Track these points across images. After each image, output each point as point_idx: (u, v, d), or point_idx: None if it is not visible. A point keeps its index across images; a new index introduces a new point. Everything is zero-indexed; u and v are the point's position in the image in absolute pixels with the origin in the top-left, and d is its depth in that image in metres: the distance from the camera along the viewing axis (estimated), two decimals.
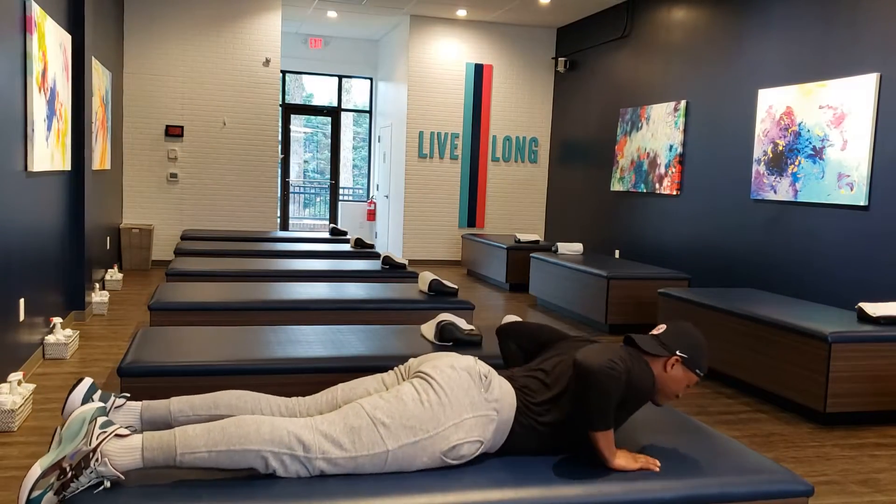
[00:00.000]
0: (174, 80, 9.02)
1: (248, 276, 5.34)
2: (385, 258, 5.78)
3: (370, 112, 12.32)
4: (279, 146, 9.89)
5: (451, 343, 3.39)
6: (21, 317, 4.30)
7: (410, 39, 10.11)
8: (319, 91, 12.49)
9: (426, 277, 4.72)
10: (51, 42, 4.87)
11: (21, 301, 4.30)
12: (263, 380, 3.02)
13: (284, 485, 1.92)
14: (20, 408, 3.55)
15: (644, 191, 8.16)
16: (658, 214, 7.94)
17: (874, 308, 4.30)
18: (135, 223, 8.95)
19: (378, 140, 11.97)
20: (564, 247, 7.59)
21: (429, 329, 3.54)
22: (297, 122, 12.42)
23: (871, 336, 4.03)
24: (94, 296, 6.14)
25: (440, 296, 4.62)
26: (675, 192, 7.60)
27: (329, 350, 3.23)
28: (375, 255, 6.94)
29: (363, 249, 7.05)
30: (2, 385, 3.60)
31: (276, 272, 5.44)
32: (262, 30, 9.24)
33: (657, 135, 7.95)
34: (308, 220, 12.94)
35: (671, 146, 7.69)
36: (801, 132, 5.91)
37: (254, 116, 9.30)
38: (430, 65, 10.24)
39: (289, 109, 11.83)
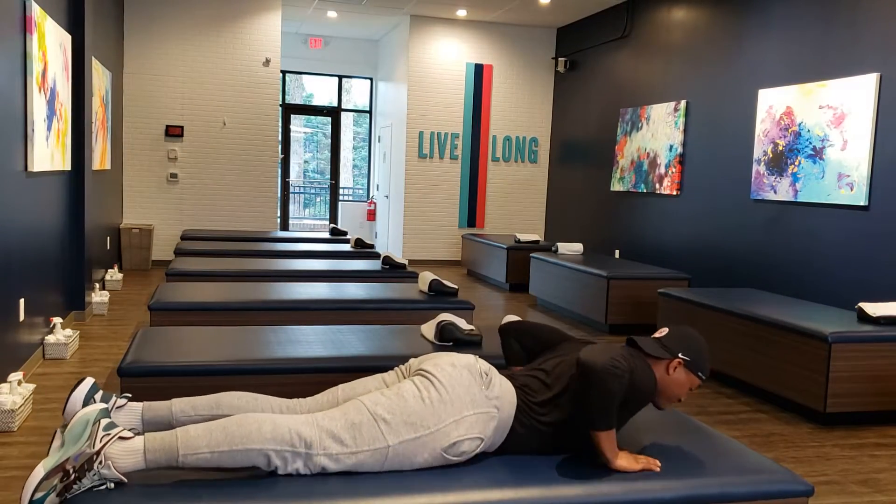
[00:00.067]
0: (174, 80, 9.03)
1: (248, 276, 5.34)
2: (385, 258, 5.78)
3: (370, 112, 12.32)
4: (279, 146, 9.89)
5: (452, 343, 3.39)
6: (21, 317, 4.30)
7: (410, 39, 10.11)
8: (319, 91, 12.49)
9: (426, 277, 4.72)
10: (51, 42, 4.87)
11: (21, 301, 4.30)
12: (263, 380, 3.02)
13: (285, 485, 1.92)
14: (20, 408, 3.55)
15: (644, 191, 8.16)
16: (658, 214, 7.95)
17: (874, 308, 4.30)
18: (135, 223, 8.95)
19: (378, 140, 11.97)
20: (564, 247, 7.59)
21: (429, 329, 3.54)
22: (297, 122, 12.42)
23: (871, 336, 4.03)
24: (94, 296, 6.14)
25: (440, 296, 4.63)
26: (675, 192, 7.60)
27: (329, 350, 3.23)
28: (375, 255, 6.94)
29: (363, 249, 7.06)
30: (2, 385, 3.61)
31: (277, 272, 5.44)
32: (262, 30, 9.24)
33: (657, 135, 7.95)
34: (308, 220, 12.94)
35: (671, 146, 7.69)
36: (801, 132, 5.91)
37: (254, 116, 9.30)
38: (430, 65, 10.25)
39: (289, 109, 11.84)
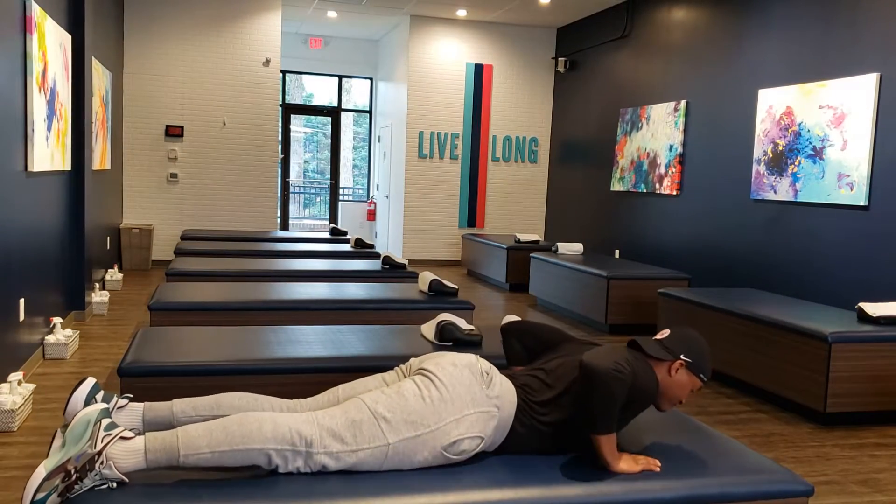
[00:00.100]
0: (174, 80, 9.03)
1: (248, 276, 5.34)
2: (385, 258, 5.78)
3: (370, 112, 12.32)
4: (279, 146, 9.89)
5: (452, 343, 3.39)
6: (21, 317, 4.30)
7: (410, 39, 10.11)
8: (319, 91, 12.49)
9: (426, 277, 4.72)
10: (51, 42, 4.87)
11: (21, 301, 4.30)
12: (264, 380, 3.02)
13: (285, 485, 1.93)
14: (20, 408, 3.55)
15: (644, 191, 8.16)
16: (658, 214, 7.95)
17: (874, 308, 4.30)
18: (135, 223, 8.95)
19: (378, 140, 11.97)
20: (564, 247, 7.59)
21: (429, 329, 3.54)
22: (297, 122, 12.42)
23: (871, 336, 4.03)
24: (94, 296, 6.14)
25: (440, 296, 4.63)
26: (675, 192, 7.60)
27: (329, 350, 3.23)
28: (375, 255, 6.94)
29: (363, 249, 7.06)
30: (2, 385, 3.61)
31: (277, 272, 5.44)
32: (262, 30, 9.24)
33: (657, 135, 7.95)
34: (308, 220, 12.94)
35: (671, 146, 7.69)
36: (801, 132, 5.91)
37: (254, 116, 9.30)
38: (430, 65, 10.24)
39: (289, 109, 11.84)
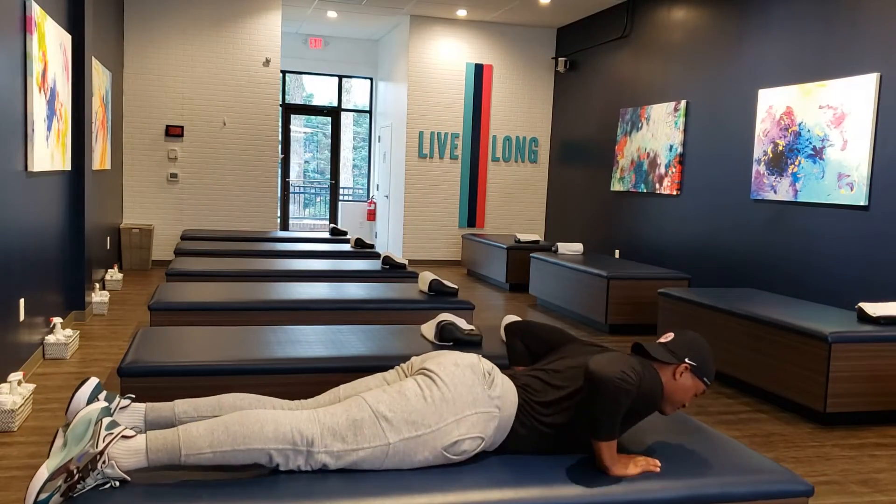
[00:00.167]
0: (174, 80, 9.03)
1: (248, 276, 5.34)
2: (385, 258, 5.78)
3: (370, 112, 12.32)
4: (279, 146, 9.89)
5: (452, 343, 3.39)
6: (21, 317, 4.31)
7: (410, 39, 10.11)
8: (319, 91, 12.49)
9: (426, 277, 4.72)
10: (51, 42, 4.87)
11: (21, 301, 4.30)
12: (264, 380, 3.02)
13: (285, 484, 1.93)
14: (20, 408, 3.55)
15: (644, 191, 8.16)
16: (658, 214, 7.95)
17: (874, 308, 4.30)
18: (135, 223, 8.95)
19: (378, 140, 11.97)
20: (564, 247, 7.59)
21: (429, 329, 3.54)
22: (297, 122, 12.42)
23: (871, 336, 4.03)
24: (94, 296, 6.14)
25: (440, 296, 4.63)
26: (675, 192, 7.60)
27: (329, 350, 3.23)
28: (375, 255, 6.94)
29: (363, 249, 7.06)
30: (2, 385, 3.61)
31: (277, 272, 5.44)
32: (262, 30, 9.24)
33: (657, 135, 7.95)
34: (308, 220, 12.95)
35: (671, 146, 7.69)
36: (801, 132, 5.91)
37: (254, 116, 9.30)
38: (430, 65, 10.25)
39: (289, 109, 11.83)
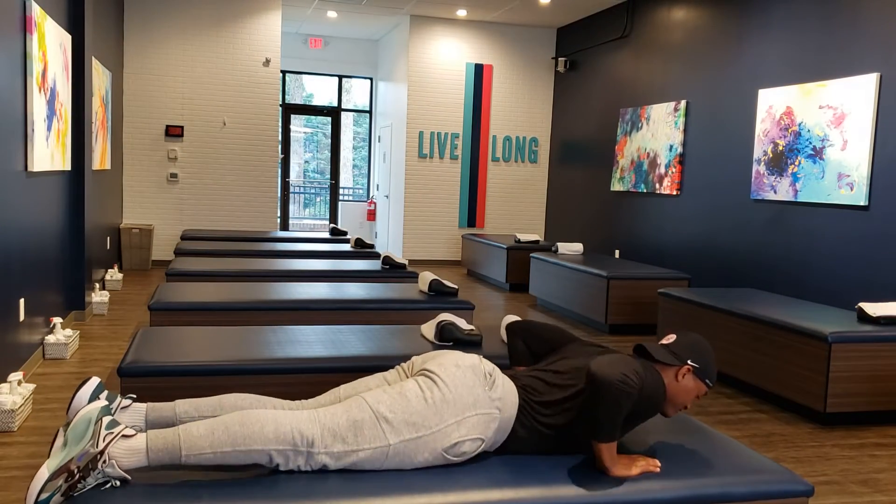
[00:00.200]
0: (174, 80, 9.03)
1: (248, 276, 5.34)
2: (385, 258, 5.78)
3: (370, 112, 12.32)
4: (279, 146, 9.89)
5: (452, 343, 3.39)
6: (21, 317, 4.30)
7: (410, 39, 10.11)
8: (319, 91, 12.49)
9: (426, 277, 4.72)
10: (51, 42, 4.87)
11: (21, 301, 4.30)
12: (264, 380, 3.02)
13: (284, 484, 1.93)
14: (20, 408, 3.55)
15: (644, 191, 8.16)
16: (658, 214, 7.95)
17: (874, 308, 4.30)
18: (135, 223, 8.95)
19: (378, 140, 11.97)
20: (564, 247, 7.59)
21: (429, 329, 3.54)
22: (297, 122, 12.42)
23: (871, 336, 4.03)
24: (94, 296, 6.14)
25: (440, 296, 4.63)
26: (675, 192, 7.60)
27: (329, 350, 3.23)
28: (375, 255, 6.94)
29: (363, 249, 7.06)
30: (2, 385, 3.61)
31: (277, 272, 5.44)
32: (262, 30, 9.24)
33: (657, 135, 7.95)
34: (308, 220, 12.94)
35: (671, 146, 7.69)
36: (801, 132, 5.91)
37: (254, 116, 9.30)
38: (430, 65, 10.24)
39: (289, 109, 11.84)
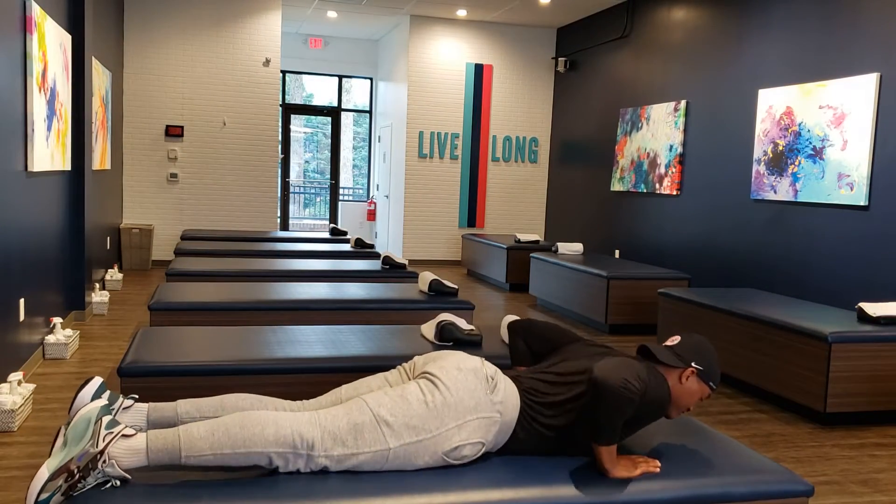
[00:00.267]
0: (174, 80, 9.03)
1: (249, 276, 5.34)
2: (385, 258, 5.78)
3: (370, 112, 12.32)
4: (279, 146, 9.89)
5: (452, 343, 3.38)
6: (21, 317, 4.30)
7: (410, 39, 10.11)
8: (319, 91, 12.49)
9: (426, 277, 4.72)
10: (51, 42, 4.87)
11: (21, 301, 4.30)
12: (264, 380, 3.02)
13: (284, 485, 1.93)
14: (20, 408, 3.55)
15: (644, 191, 8.16)
16: (658, 214, 7.95)
17: (874, 308, 4.30)
18: (135, 223, 8.95)
19: (378, 140, 11.97)
20: (564, 247, 7.59)
21: (429, 329, 3.54)
22: (297, 122, 12.42)
23: (871, 336, 4.03)
24: (94, 296, 6.14)
25: (440, 296, 4.62)
26: (675, 192, 7.60)
27: (329, 350, 3.23)
28: (375, 255, 6.94)
29: (363, 249, 7.05)
30: (2, 385, 3.61)
31: (277, 272, 5.44)
32: (262, 30, 9.24)
33: (657, 135, 7.95)
34: (308, 220, 12.94)
35: (671, 146, 7.69)
36: (802, 132, 5.91)
37: (254, 116, 9.30)
38: (430, 65, 10.24)
39: (289, 109, 11.83)
